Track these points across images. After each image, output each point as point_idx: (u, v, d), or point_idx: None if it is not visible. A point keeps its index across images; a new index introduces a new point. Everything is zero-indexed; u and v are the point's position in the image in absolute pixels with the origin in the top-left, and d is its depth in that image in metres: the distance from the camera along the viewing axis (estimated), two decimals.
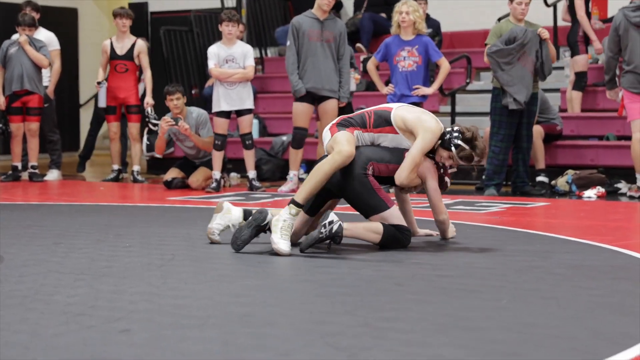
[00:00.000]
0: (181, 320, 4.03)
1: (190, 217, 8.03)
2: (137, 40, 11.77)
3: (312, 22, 9.92)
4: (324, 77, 9.90)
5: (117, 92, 11.67)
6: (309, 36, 9.89)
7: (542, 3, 12.57)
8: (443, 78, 9.95)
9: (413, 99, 9.77)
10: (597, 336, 3.80)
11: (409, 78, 9.79)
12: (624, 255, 5.81)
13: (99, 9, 18.77)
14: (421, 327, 3.93)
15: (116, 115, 11.81)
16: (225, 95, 10.34)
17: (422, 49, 9.76)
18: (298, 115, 10.05)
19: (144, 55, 11.70)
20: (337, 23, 10.06)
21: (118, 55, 11.65)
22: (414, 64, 9.77)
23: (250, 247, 6.08)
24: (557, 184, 10.17)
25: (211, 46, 10.62)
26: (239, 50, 10.38)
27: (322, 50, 9.91)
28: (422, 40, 9.78)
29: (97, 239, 6.51)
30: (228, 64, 10.35)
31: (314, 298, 4.50)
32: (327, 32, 9.92)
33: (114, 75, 11.70)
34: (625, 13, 9.43)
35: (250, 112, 10.45)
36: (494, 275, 5.15)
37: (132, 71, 11.71)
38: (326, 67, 9.90)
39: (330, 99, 9.95)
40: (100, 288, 4.72)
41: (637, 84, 9.39)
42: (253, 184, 10.41)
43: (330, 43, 9.93)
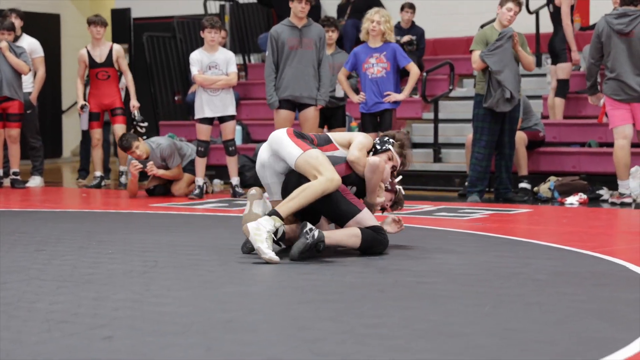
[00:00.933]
0: (164, 327, 4.02)
1: (173, 223, 8.02)
2: (112, 45, 11.75)
3: (291, 30, 9.94)
4: (303, 84, 9.91)
5: (102, 99, 11.65)
6: (288, 45, 9.92)
7: (525, 11, 12.62)
8: (413, 83, 10.00)
9: (385, 106, 9.80)
10: (579, 341, 3.81)
11: (379, 84, 9.83)
12: (605, 261, 5.83)
13: (82, 15, 18.70)
14: (404, 333, 3.93)
15: (99, 122, 11.79)
16: (208, 102, 10.33)
17: (390, 55, 9.80)
18: (279, 123, 10.05)
19: (122, 59, 11.69)
20: (316, 28, 10.06)
21: (97, 63, 11.62)
22: (383, 70, 9.81)
23: (234, 254, 6.08)
24: (540, 190, 10.20)
25: (193, 52, 10.59)
26: (221, 56, 10.38)
27: (301, 57, 9.93)
28: (390, 47, 9.84)
29: (79, 246, 6.49)
30: (211, 71, 10.34)
31: (297, 305, 4.50)
32: (306, 39, 9.94)
33: (96, 83, 11.67)
34: (608, 20, 9.47)
35: (233, 119, 10.44)
36: (476, 282, 5.16)
37: (113, 77, 11.70)
38: (305, 74, 9.92)
39: (310, 107, 9.98)
40: (82, 295, 4.71)
41: (619, 91, 9.43)
42: (236, 191, 10.40)
43: (310, 50, 9.95)
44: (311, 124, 10.03)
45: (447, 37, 14.25)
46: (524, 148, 10.52)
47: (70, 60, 18.06)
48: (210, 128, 10.40)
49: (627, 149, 9.49)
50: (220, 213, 8.83)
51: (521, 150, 10.47)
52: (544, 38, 12.71)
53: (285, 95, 9.91)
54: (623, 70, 9.38)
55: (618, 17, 9.41)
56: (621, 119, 9.46)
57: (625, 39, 9.33)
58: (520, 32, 10.10)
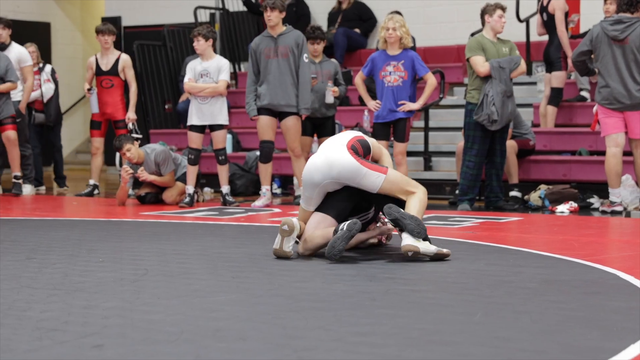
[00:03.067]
0: (154, 335, 4.02)
1: (163, 232, 8.01)
2: (120, 55, 11.76)
3: (267, 41, 10.02)
4: (280, 93, 9.96)
5: (104, 107, 11.66)
6: (266, 55, 9.98)
7: (515, 18, 12.65)
8: (429, 93, 9.90)
9: (399, 115, 9.77)
10: (568, 350, 3.81)
11: (395, 93, 9.77)
12: (596, 269, 5.84)
13: (72, 24, 18.74)
14: (395, 341, 3.93)
15: (101, 131, 11.78)
16: (197, 110, 10.35)
17: (409, 63, 9.72)
18: (262, 129, 10.11)
19: (129, 69, 11.69)
20: (291, 35, 10.06)
21: (103, 71, 11.63)
22: (400, 78, 9.74)
23: (224, 263, 6.08)
24: (530, 198, 10.22)
25: (191, 60, 10.66)
26: (214, 64, 10.38)
27: (277, 66, 9.96)
28: (408, 55, 9.75)
29: (70, 254, 6.48)
30: (203, 79, 10.35)
31: (287, 313, 4.50)
32: (282, 47, 9.97)
33: (100, 91, 11.69)
34: (603, 26, 9.50)
35: (224, 128, 10.43)
36: (467, 290, 5.16)
37: (117, 86, 11.70)
38: (282, 83, 9.95)
39: (290, 116, 10.00)
40: (73, 303, 4.70)
41: (612, 99, 9.44)
42: (226, 199, 10.40)
43: (286, 58, 9.97)
44: (293, 133, 10.05)
45: (438, 45, 14.27)
46: (515, 156, 10.54)
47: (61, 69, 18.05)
48: (201, 136, 10.39)
49: (618, 157, 9.51)
50: (210, 221, 8.83)
51: (512, 159, 10.49)
52: (534, 46, 12.74)
53: (264, 104, 9.97)
54: (616, 79, 9.40)
55: (613, 23, 9.44)
56: (613, 127, 9.48)
57: (619, 46, 9.36)
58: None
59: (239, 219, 8.99)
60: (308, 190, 6.35)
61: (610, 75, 9.43)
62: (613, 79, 9.41)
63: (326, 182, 6.29)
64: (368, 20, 14.68)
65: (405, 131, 9.84)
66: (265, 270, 5.76)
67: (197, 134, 10.36)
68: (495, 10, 9.87)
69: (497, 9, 9.88)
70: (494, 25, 9.88)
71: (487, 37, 9.92)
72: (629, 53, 9.39)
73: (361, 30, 14.57)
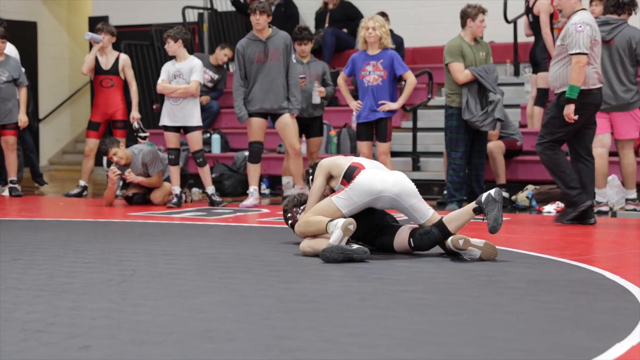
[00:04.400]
0: (142, 336, 4.01)
1: (151, 232, 7.99)
2: (120, 54, 11.71)
3: (255, 44, 9.99)
4: (272, 97, 9.96)
5: (105, 107, 11.59)
6: (255, 59, 9.96)
7: (503, 19, 12.67)
8: (409, 92, 9.91)
9: (380, 115, 9.78)
10: (556, 349, 3.82)
11: (375, 93, 9.77)
12: (583, 269, 5.85)
13: (59, 23, 18.69)
14: (385, 342, 3.93)
15: (98, 132, 11.68)
16: (169, 111, 10.31)
17: (388, 62, 9.73)
18: (252, 130, 10.10)
19: (128, 68, 11.65)
20: (280, 37, 10.04)
21: (103, 70, 11.58)
22: (379, 78, 9.75)
23: (212, 263, 6.07)
24: (518, 199, 10.23)
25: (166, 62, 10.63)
26: (187, 66, 10.32)
27: (268, 70, 9.95)
28: (388, 54, 9.75)
29: (56, 254, 6.46)
30: (176, 80, 10.31)
31: (277, 313, 4.49)
32: (272, 50, 9.96)
33: (100, 91, 11.63)
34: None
35: (197, 129, 10.35)
36: (455, 290, 5.17)
37: (118, 86, 11.64)
38: (274, 86, 9.95)
39: (284, 115, 9.99)
40: (59, 304, 4.68)
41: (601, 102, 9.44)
42: (213, 199, 10.38)
43: (278, 61, 9.96)
44: (290, 130, 10.03)
45: (426, 46, 14.27)
46: (502, 157, 10.56)
47: (47, 68, 18.03)
48: (178, 135, 10.33)
49: (604, 158, 9.52)
50: (198, 222, 8.81)
51: (499, 159, 10.50)
52: (522, 47, 12.76)
53: (256, 109, 9.95)
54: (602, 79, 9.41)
55: (600, 24, 9.45)
56: (600, 127, 9.48)
57: (606, 47, 9.37)
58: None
59: (227, 220, 8.98)
60: (360, 196, 6.33)
61: None
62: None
63: (385, 195, 6.30)
64: (355, 19, 14.66)
65: (387, 131, 9.85)
66: (253, 271, 5.76)
67: (173, 133, 10.32)
68: (478, 14, 9.87)
69: (479, 13, 9.88)
70: (475, 30, 9.89)
71: (465, 40, 9.93)
72: (615, 54, 9.40)
73: (349, 29, 14.56)
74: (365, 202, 6.32)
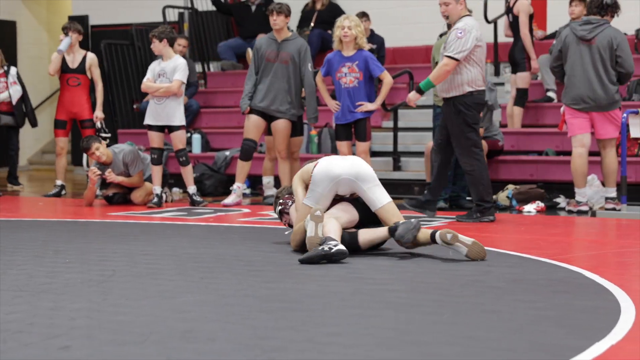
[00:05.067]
0: (122, 336, 3.99)
1: (131, 232, 7.97)
2: (87, 53, 11.70)
3: (270, 43, 10.07)
4: (273, 97, 10.00)
5: (70, 106, 11.58)
6: (267, 57, 10.01)
7: (483, 20, 12.69)
8: (386, 93, 9.94)
9: (358, 115, 9.79)
10: (536, 348, 3.83)
11: (351, 94, 9.77)
12: (563, 269, 5.87)
13: (38, 23, 18.62)
14: (365, 341, 3.93)
15: (65, 130, 11.71)
16: (152, 110, 10.30)
17: (363, 64, 9.74)
18: (249, 127, 10.13)
19: (95, 68, 11.64)
20: (296, 43, 10.08)
21: (70, 68, 11.56)
22: (355, 79, 9.76)
23: (192, 263, 6.06)
24: (498, 198, 10.25)
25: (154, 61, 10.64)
26: (170, 65, 10.29)
27: (276, 71, 10.00)
28: (363, 55, 9.75)
29: (36, 255, 6.43)
30: (160, 78, 10.29)
31: (257, 313, 4.49)
32: (284, 53, 9.99)
33: (66, 89, 11.62)
34: (572, 26, 9.56)
35: (180, 129, 10.33)
36: (436, 290, 5.18)
37: (84, 85, 11.64)
38: (278, 88, 9.98)
39: (280, 119, 10.02)
40: (39, 305, 4.66)
41: (578, 100, 9.48)
42: (194, 199, 10.36)
43: (286, 65, 9.99)
44: (281, 135, 10.07)
45: (407, 46, 14.29)
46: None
47: (27, 68, 17.94)
48: (161, 135, 10.32)
49: (584, 158, 9.56)
50: (179, 222, 8.80)
51: None
52: (502, 47, 12.79)
53: (255, 105, 10.01)
54: (582, 79, 9.44)
55: (582, 24, 9.52)
56: (580, 127, 9.53)
57: (587, 46, 9.41)
58: None
59: (208, 219, 8.97)
60: (321, 185, 6.48)
61: (576, 75, 9.47)
62: (579, 79, 9.46)
63: (343, 177, 6.45)
64: None
65: (366, 131, 9.86)
66: (234, 271, 5.75)
67: (156, 133, 10.30)
68: None
69: None
70: None
71: None
72: (596, 53, 9.44)
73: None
74: (329, 188, 6.48)
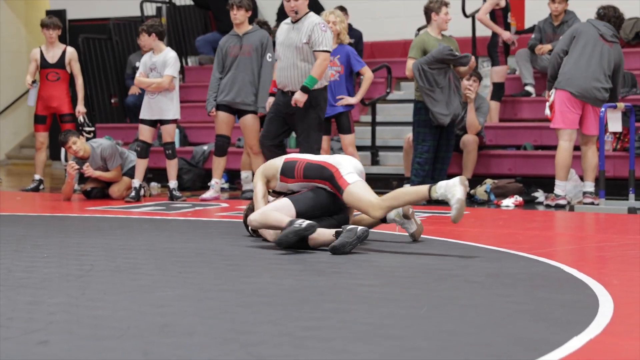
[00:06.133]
0: (100, 331, 3.99)
1: (109, 227, 7.95)
2: (66, 48, 11.68)
3: (233, 39, 10.09)
4: (237, 90, 9.99)
5: (50, 101, 11.55)
6: (229, 53, 10.01)
7: (461, 14, 12.71)
8: (366, 87, 10.00)
9: (339, 109, 9.81)
10: (514, 342, 3.84)
11: (333, 88, 9.78)
12: (541, 263, 5.89)
13: (17, 17, 18.53)
14: (342, 335, 3.94)
15: (45, 125, 11.67)
16: (146, 104, 10.33)
17: (344, 58, 9.79)
18: (219, 124, 10.17)
19: (75, 62, 11.62)
20: (257, 34, 10.07)
21: (49, 63, 11.53)
22: (337, 73, 9.80)
23: (171, 257, 6.06)
24: (476, 193, 10.28)
25: (145, 55, 10.65)
26: (161, 59, 10.31)
27: (238, 64, 9.99)
28: (344, 50, 9.81)
29: (14, 249, 6.41)
30: (152, 73, 10.31)
31: (235, 308, 4.49)
32: (246, 46, 9.98)
33: (45, 84, 11.58)
34: (594, 23, 9.55)
35: (171, 122, 10.36)
36: (414, 284, 5.19)
37: (63, 79, 11.61)
38: (240, 80, 9.97)
39: (248, 114, 10.02)
40: (17, 299, 4.65)
41: (582, 91, 9.42)
42: (173, 194, 10.35)
43: (249, 56, 9.97)
44: (250, 131, 10.07)
45: (385, 40, 14.30)
46: (476, 152, 10.61)
47: (6, 62, 17.87)
48: (152, 130, 10.35)
49: (571, 152, 9.59)
50: (157, 216, 8.78)
51: (473, 154, 10.56)
52: (480, 41, 12.82)
53: (221, 100, 10.02)
54: (590, 72, 9.45)
55: (604, 26, 9.59)
56: (572, 122, 9.56)
57: (606, 45, 9.48)
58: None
59: (186, 214, 8.95)
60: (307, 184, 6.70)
61: (581, 66, 9.44)
62: (586, 71, 9.43)
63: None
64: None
65: (349, 123, 9.90)
66: (212, 265, 5.75)
67: (146, 127, 10.32)
68: (441, 7, 9.94)
69: (442, 5, 9.95)
70: (440, 23, 9.95)
71: (432, 35, 9.98)
72: (610, 55, 9.51)
73: None
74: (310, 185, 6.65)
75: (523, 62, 11.80)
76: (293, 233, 6.12)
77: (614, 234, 7.61)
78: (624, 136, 10.42)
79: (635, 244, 6.87)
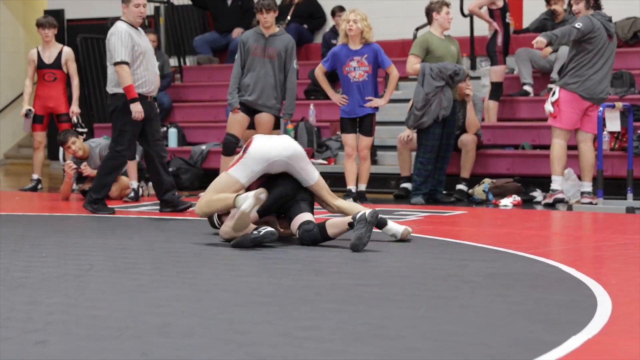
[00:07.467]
0: (99, 331, 3.99)
1: (108, 227, 7.95)
2: (63, 48, 11.68)
3: (257, 38, 9.93)
4: (259, 92, 9.88)
5: (47, 101, 11.56)
6: (253, 51, 9.91)
7: (459, 13, 12.71)
8: (393, 87, 9.86)
9: (367, 110, 9.69)
10: (512, 343, 3.85)
11: (361, 89, 9.67)
12: (539, 262, 5.89)
13: (15, 18, 18.51)
14: (340, 336, 3.94)
15: (43, 125, 11.70)
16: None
17: (372, 57, 9.61)
18: (232, 123, 10.03)
19: (71, 62, 11.62)
20: (283, 39, 9.95)
21: (46, 64, 11.53)
22: (365, 73, 9.65)
23: (169, 257, 6.06)
24: (474, 192, 10.29)
25: None
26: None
27: (262, 65, 9.89)
28: (372, 48, 9.64)
29: (12, 249, 6.41)
30: None
31: (233, 308, 4.49)
32: (271, 49, 9.87)
33: (42, 84, 11.59)
34: (603, 20, 9.53)
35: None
36: (412, 284, 5.19)
37: (60, 79, 11.62)
38: (264, 83, 9.88)
39: (266, 112, 9.93)
40: (15, 299, 4.65)
41: (591, 92, 9.44)
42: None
43: (272, 60, 9.89)
44: (264, 129, 10.03)
45: (381, 40, 14.26)
46: (475, 152, 10.61)
47: (4, 63, 17.86)
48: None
49: (565, 148, 9.62)
50: (155, 216, 8.78)
51: (472, 154, 10.56)
52: (478, 41, 12.82)
53: (242, 100, 9.92)
54: (602, 73, 9.48)
55: (608, 20, 9.58)
56: (575, 123, 9.56)
57: (611, 42, 9.52)
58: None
59: (185, 214, 8.95)
60: (256, 164, 6.66)
61: (595, 68, 9.45)
62: (599, 73, 9.46)
63: (277, 159, 6.65)
64: (318, 18, 14.76)
65: (372, 126, 9.79)
66: (210, 265, 5.75)
67: None
68: (442, 7, 9.95)
69: (443, 5, 9.96)
70: (442, 22, 9.95)
71: (435, 35, 9.98)
72: (612, 56, 9.55)
73: (309, 27, 14.62)
74: (262, 168, 6.67)
75: (522, 62, 11.80)
76: (250, 241, 6.32)
77: (612, 234, 7.61)
78: (622, 136, 10.42)
79: (633, 244, 6.88)
